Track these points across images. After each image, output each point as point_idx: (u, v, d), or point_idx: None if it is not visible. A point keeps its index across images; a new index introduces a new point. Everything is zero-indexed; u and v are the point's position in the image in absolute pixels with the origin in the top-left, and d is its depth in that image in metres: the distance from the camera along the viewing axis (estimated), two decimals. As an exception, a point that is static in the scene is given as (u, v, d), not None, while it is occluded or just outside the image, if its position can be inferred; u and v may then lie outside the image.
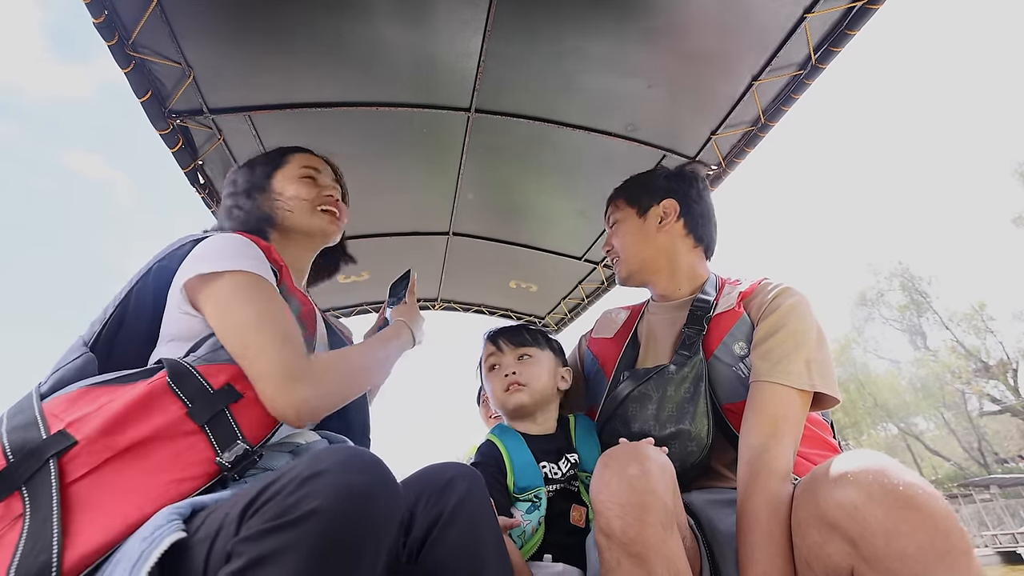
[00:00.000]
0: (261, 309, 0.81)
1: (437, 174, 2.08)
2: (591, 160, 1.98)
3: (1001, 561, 15.99)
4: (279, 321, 0.81)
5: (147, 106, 1.54)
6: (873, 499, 0.63)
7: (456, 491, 0.74)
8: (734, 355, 1.05)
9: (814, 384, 0.94)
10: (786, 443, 0.88)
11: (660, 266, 1.26)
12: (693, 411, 1.02)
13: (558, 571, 0.96)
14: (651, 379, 1.07)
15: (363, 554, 0.51)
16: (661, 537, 0.73)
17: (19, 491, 0.60)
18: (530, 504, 1.05)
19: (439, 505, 0.72)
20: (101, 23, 1.29)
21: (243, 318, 0.80)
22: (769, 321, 1.02)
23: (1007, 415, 23.41)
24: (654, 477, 0.76)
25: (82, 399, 0.71)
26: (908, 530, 0.60)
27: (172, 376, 0.74)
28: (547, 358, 1.24)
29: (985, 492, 20.21)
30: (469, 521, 0.72)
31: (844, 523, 0.65)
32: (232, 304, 0.81)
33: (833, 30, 1.46)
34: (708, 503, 1.00)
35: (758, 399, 0.95)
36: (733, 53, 1.56)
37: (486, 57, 1.55)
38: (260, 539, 0.49)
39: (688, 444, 1.01)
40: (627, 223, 1.30)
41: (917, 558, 0.59)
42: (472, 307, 3.12)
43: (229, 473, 0.70)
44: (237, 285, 0.83)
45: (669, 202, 1.27)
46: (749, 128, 1.80)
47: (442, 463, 0.81)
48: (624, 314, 1.36)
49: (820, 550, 0.69)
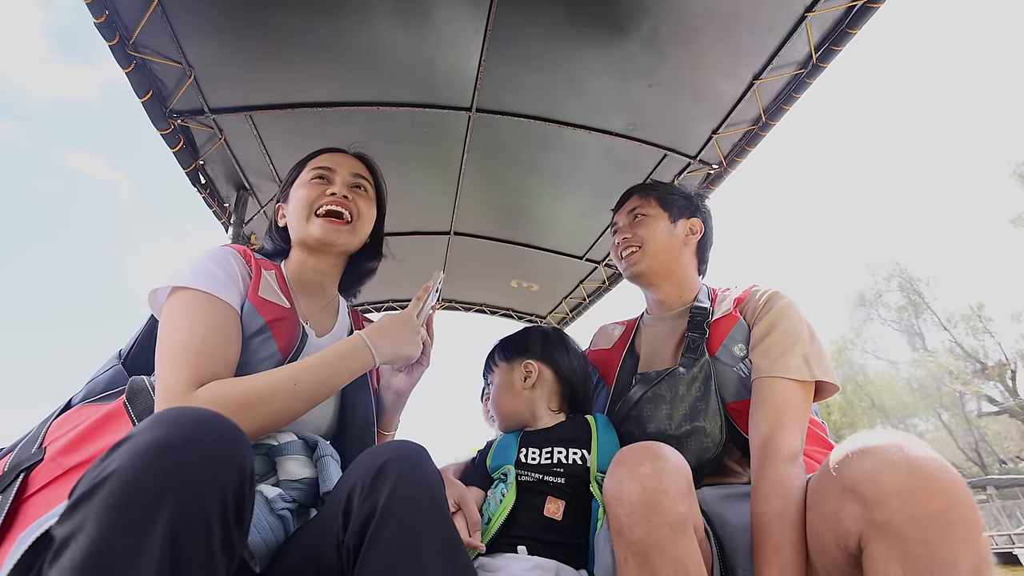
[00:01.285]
0: (182, 328, 0.79)
1: (438, 174, 2.08)
2: (592, 159, 1.98)
3: (998, 562, 15.99)
4: (191, 344, 0.77)
5: (148, 106, 1.54)
6: (892, 464, 0.65)
7: (389, 478, 0.62)
8: (734, 356, 1.10)
9: (814, 374, 1.00)
10: (792, 429, 0.93)
11: (673, 273, 1.31)
12: (705, 409, 1.06)
13: (531, 565, 0.95)
14: (663, 381, 1.12)
15: (160, 510, 0.44)
16: (670, 539, 0.73)
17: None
18: (499, 480, 1.09)
19: (372, 498, 0.61)
20: (102, 23, 1.29)
21: (165, 337, 0.79)
22: (764, 322, 1.08)
23: (1006, 416, 23.39)
24: (667, 477, 0.76)
25: (74, 417, 0.74)
26: (923, 497, 0.61)
27: (128, 395, 0.75)
28: (503, 371, 1.26)
29: (982, 493, 20.20)
30: (406, 511, 0.60)
31: (862, 486, 0.66)
32: (164, 321, 0.81)
33: (834, 29, 1.46)
34: (717, 498, 1.02)
35: (762, 394, 1.00)
36: (734, 52, 1.56)
37: (487, 57, 1.55)
38: (69, 517, 0.45)
39: (704, 441, 1.05)
40: (658, 221, 1.33)
41: (928, 522, 0.60)
42: (474, 307, 3.12)
43: None
44: (175, 302, 0.82)
45: (698, 222, 1.34)
46: (750, 127, 1.80)
47: (383, 444, 0.72)
48: (620, 328, 1.40)
49: (834, 516, 0.70)
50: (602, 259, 2.59)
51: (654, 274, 1.30)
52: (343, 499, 0.63)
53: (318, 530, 0.67)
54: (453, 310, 3.12)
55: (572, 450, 1.10)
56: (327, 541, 0.64)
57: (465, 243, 2.53)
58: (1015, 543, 16.32)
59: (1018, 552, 15.50)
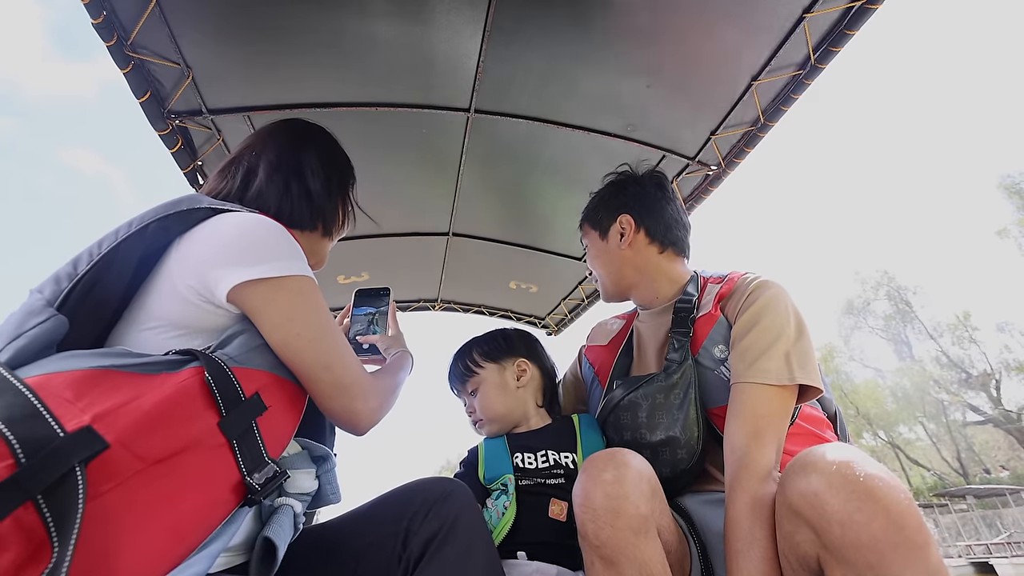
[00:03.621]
0: (329, 319, 0.78)
1: (437, 174, 2.08)
2: (591, 160, 1.97)
3: (975, 572, 15.95)
4: (340, 335, 0.79)
5: (146, 106, 1.54)
6: (832, 487, 0.64)
7: (454, 507, 0.74)
8: (714, 359, 1.04)
9: (794, 377, 0.92)
10: (767, 443, 0.88)
11: (633, 280, 1.25)
12: (683, 418, 1.02)
13: (531, 570, 0.95)
14: (640, 387, 1.08)
15: None
16: (632, 542, 0.75)
17: (36, 508, 0.44)
18: (499, 491, 1.07)
19: (436, 521, 0.72)
20: (100, 23, 1.29)
21: (319, 329, 0.74)
22: (744, 318, 1.01)
23: (990, 425, 23.41)
24: (629, 483, 0.78)
25: (98, 385, 0.54)
26: (863, 519, 0.61)
27: (212, 375, 0.62)
28: (491, 372, 1.23)
29: (962, 502, 20.21)
30: (465, 538, 0.72)
31: (806, 511, 0.66)
32: (305, 314, 0.74)
33: (832, 30, 1.46)
34: (701, 504, 1.01)
35: (738, 401, 0.94)
36: (732, 53, 1.56)
37: (485, 57, 1.55)
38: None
39: (678, 451, 1.01)
40: (594, 247, 1.32)
41: (871, 547, 0.60)
42: (472, 308, 3.12)
43: (256, 496, 0.63)
44: (304, 293, 0.75)
45: (624, 217, 1.26)
46: (749, 128, 1.80)
47: (436, 477, 0.81)
48: (618, 323, 1.36)
49: (791, 539, 0.70)
50: (601, 260, 2.59)
51: (617, 294, 1.30)
52: (405, 517, 0.74)
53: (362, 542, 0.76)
54: (452, 311, 3.11)
55: (563, 453, 1.11)
56: (374, 554, 0.74)
57: (464, 244, 2.52)
58: (992, 552, 16.33)
59: (993, 562, 15.44)
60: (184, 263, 0.73)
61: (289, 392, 0.73)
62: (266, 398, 0.67)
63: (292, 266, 0.75)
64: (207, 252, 0.73)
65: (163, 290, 0.73)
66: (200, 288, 0.71)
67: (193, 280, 0.71)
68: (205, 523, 0.58)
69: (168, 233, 0.74)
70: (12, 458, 0.45)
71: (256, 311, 0.73)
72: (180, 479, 0.55)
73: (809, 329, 1.00)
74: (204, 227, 0.75)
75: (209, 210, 0.77)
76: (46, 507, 0.44)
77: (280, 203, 0.93)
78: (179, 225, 0.75)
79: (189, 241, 0.74)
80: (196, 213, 0.76)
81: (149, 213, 0.74)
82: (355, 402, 0.76)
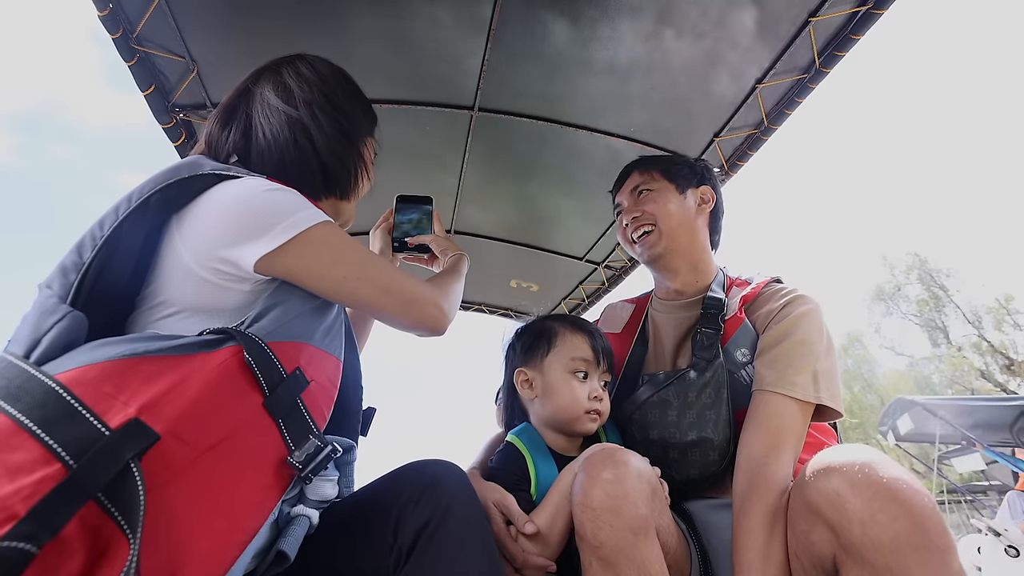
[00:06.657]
0: (363, 248, 0.79)
1: (439, 172, 2.08)
2: (594, 161, 1.97)
3: None
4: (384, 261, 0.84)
5: (150, 100, 1.54)
6: (855, 488, 0.64)
7: (445, 493, 0.70)
8: (736, 361, 1.02)
9: (820, 397, 0.92)
10: (786, 456, 0.87)
11: (689, 251, 1.19)
12: (715, 419, 0.98)
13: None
14: (671, 385, 1.03)
15: None
16: (631, 543, 0.74)
17: (100, 506, 0.44)
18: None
19: (428, 508, 0.68)
20: (106, 16, 1.29)
21: (361, 264, 0.75)
22: (778, 328, 0.99)
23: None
24: (628, 482, 0.76)
25: (137, 373, 0.52)
26: (885, 520, 0.61)
27: (251, 353, 0.59)
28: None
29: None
30: (458, 527, 0.68)
31: (825, 510, 0.66)
32: (340, 256, 0.74)
33: (838, 34, 1.46)
34: (705, 508, 1.00)
35: (761, 409, 0.92)
36: (737, 56, 1.56)
37: (490, 56, 1.55)
38: None
39: (710, 453, 0.98)
40: (666, 195, 1.20)
41: (891, 548, 0.60)
42: (473, 306, 3.12)
43: (303, 474, 0.61)
44: (328, 237, 0.74)
45: (707, 189, 1.22)
46: (752, 131, 1.80)
47: (426, 461, 0.77)
48: (629, 308, 1.30)
49: (806, 539, 0.70)
50: (602, 260, 2.59)
51: (673, 255, 1.19)
52: (396, 504, 0.69)
53: (356, 531, 0.73)
54: (452, 309, 3.11)
55: None
56: (365, 544, 0.71)
57: (466, 242, 2.52)
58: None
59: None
60: (195, 243, 0.69)
61: (327, 366, 0.72)
62: (307, 373, 0.66)
63: (305, 217, 0.72)
64: (219, 230, 0.69)
65: (175, 273, 0.70)
66: (222, 267, 0.69)
67: (212, 261, 0.68)
68: (260, 508, 0.57)
69: (170, 206, 0.70)
70: (59, 462, 0.44)
71: (292, 275, 0.71)
72: (232, 464, 0.54)
73: (835, 349, 1.00)
74: (205, 201, 0.71)
75: (211, 177, 0.72)
76: (110, 504, 0.44)
77: (286, 169, 0.85)
78: (180, 196, 0.71)
79: (192, 216, 0.71)
80: (196, 181, 0.72)
81: (148, 184, 0.70)
82: (426, 308, 0.79)
